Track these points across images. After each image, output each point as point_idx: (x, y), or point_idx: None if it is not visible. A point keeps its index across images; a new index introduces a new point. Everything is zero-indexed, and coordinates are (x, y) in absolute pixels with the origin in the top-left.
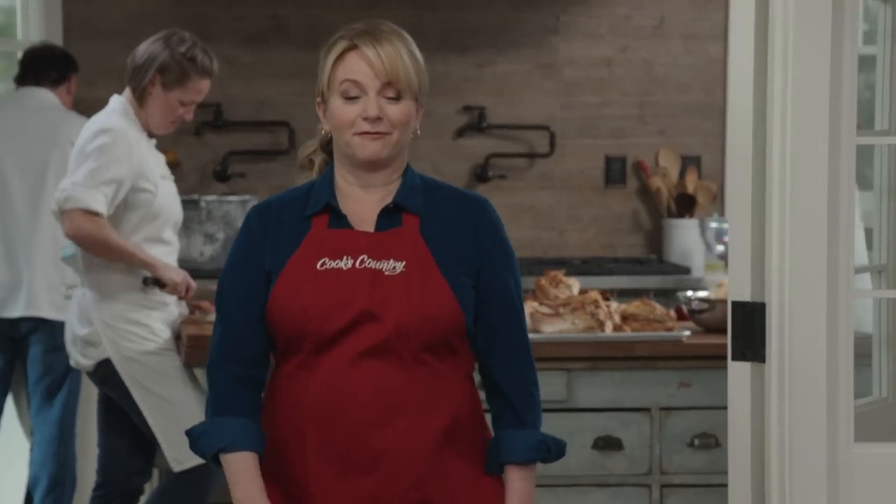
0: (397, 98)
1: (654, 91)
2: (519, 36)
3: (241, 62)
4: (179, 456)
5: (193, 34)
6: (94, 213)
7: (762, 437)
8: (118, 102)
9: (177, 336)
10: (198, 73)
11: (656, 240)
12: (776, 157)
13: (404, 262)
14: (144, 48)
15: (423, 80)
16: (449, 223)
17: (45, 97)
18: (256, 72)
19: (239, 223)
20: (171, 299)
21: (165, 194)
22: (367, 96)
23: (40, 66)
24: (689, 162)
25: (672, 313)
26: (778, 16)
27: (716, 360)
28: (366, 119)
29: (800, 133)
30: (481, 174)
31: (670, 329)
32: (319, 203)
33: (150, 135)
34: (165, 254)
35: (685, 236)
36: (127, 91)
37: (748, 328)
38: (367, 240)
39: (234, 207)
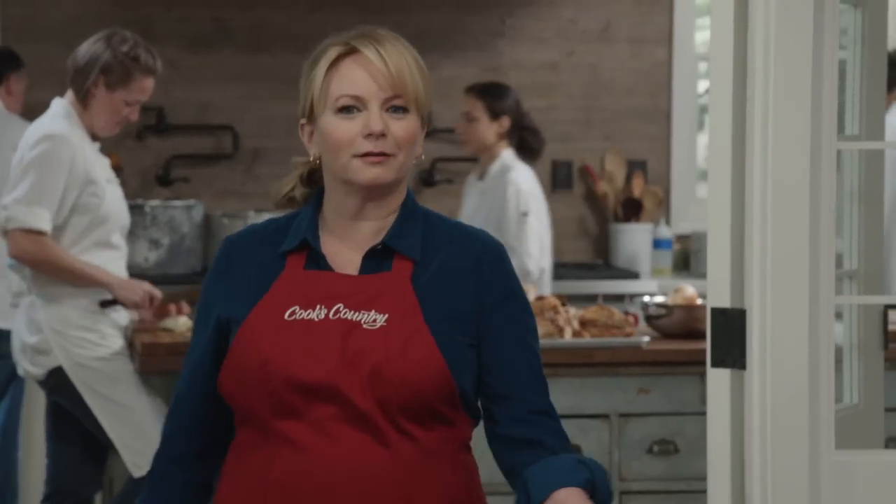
0: (403, 111)
1: (599, 95)
2: (465, 39)
3: (185, 65)
4: (139, 461)
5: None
6: (38, 232)
7: (741, 445)
8: (60, 106)
9: (129, 343)
10: (141, 73)
11: (603, 244)
12: (757, 162)
13: (387, 315)
14: (86, 49)
15: (429, 93)
16: (447, 270)
17: None
18: (200, 75)
19: (184, 228)
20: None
21: (112, 198)
22: (367, 110)
23: None
24: (636, 166)
25: (630, 318)
26: (758, 21)
27: (675, 366)
28: (368, 136)
29: (781, 137)
30: (427, 179)
31: (629, 335)
32: (296, 238)
33: (94, 137)
34: (114, 258)
35: (632, 241)
36: (69, 93)
37: (728, 335)
38: (346, 285)
39: (179, 213)
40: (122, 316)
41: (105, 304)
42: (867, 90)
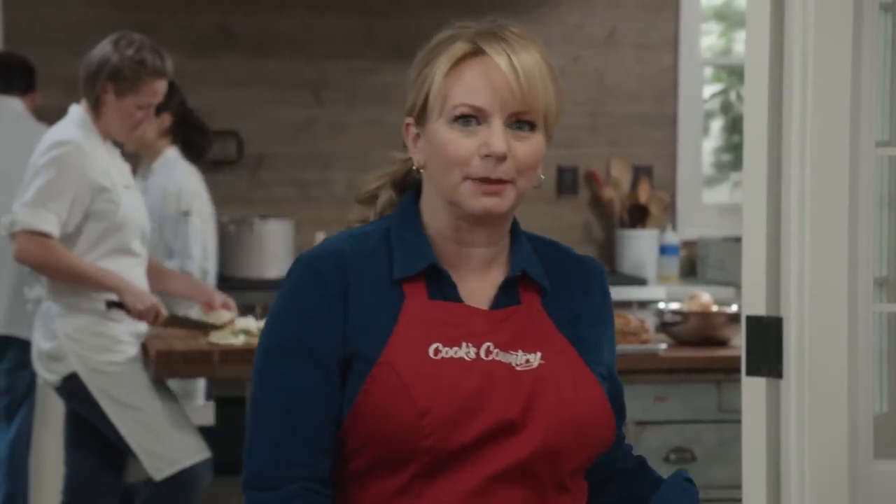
0: (530, 129)
1: (605, 100)
2: None
3: (188, 70)
4: (158, 464)
5: None
6: (43, 235)
7: (777, 455)
8: (76, 112)
9: (144, 350)
10: (150, 76)
11: (609, 250)
12: (794, 169)
13: (540, 354)
14: (94, 54)
15: (560, 105)
16: (571, 300)
17: (15, 107)
18: (204, 80)
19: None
20: None
21: (129, 204)
22: (488, 125)
23: (7, 75)
24: (641, 172)
25: (646, 325)
26: (796, 28)
27: (691, 373)
28: (487, 157)
29: (819, 144)
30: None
31: (645, 342)
32: (417, 263)
33: (117, 143)
34: (133, 265)
35: (638, 247)
36: (84, 100)
37: (763, 343)
38: (485, 320)
39: None
40: (128, 324)
41: (111, 305)
42: (895, 95)
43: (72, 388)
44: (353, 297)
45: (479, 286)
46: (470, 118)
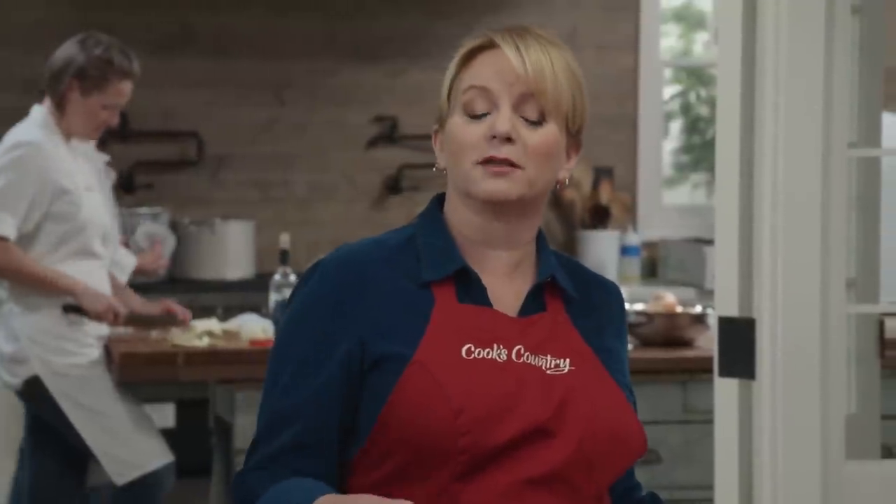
0: (539, 120)
1: None
2: (431, 45)
3: (149, 70)
4: (121, 468)
5: None
6: (0, 238)
7: (749, 456)
8: (38, 113)
9: (107, 353)
10: (117, 76)
11: (570, 252)
12: (767, 171)
13: (568, 360)
14: (60, 53)
15: (580, 105)
16: (595, 312)
17: None
18: (164, 80)
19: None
20: None
21: (91, 206)
22: (497, 112)
23: None
24: (602, 173)
25: None
26: (769, 31)
27: (657, 374)
28: (493, 139)
29: (792, 146)
30: (394, 185)
31: None
32: (446, 266)
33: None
34: (95, 267)
35: (599, 248)
36: (47, 100)
37: (736, 344)
38: (514, 324)
39: (145, 220)
40: (92, 326)
41: (68, 310)
42: (865, 97)
43: (33, 391)
44: (376, 303)
45: (505, 291)
46: (479, 111)
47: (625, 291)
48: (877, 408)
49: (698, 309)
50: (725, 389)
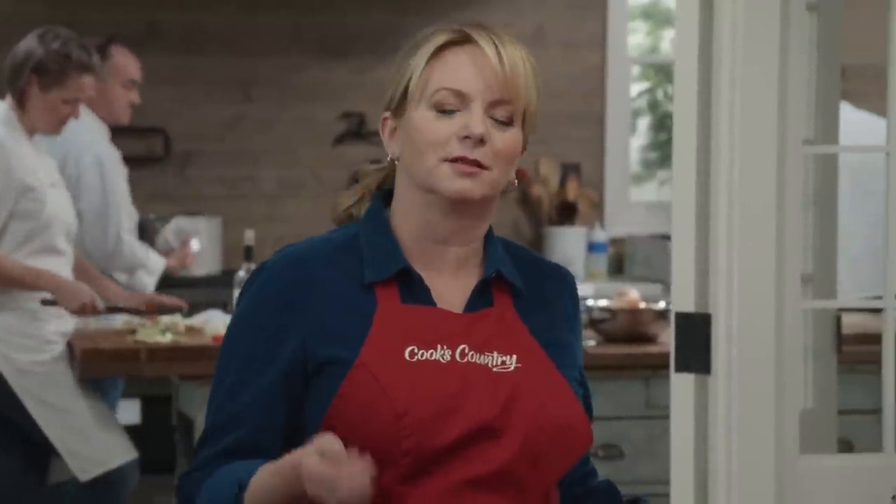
0: (508, 122)
1: None
2: (399, 41)
3: None
4: (84, 465)
5: None
6: None
7: (705, 451)
8: (1, 108)
9: (70, 349)
10: (76, 70)
11: (537, 248)
12: (723, 167)
13: (515, 357)
14: (19, 48)
15: (537, 110)
16: (544, 304)
17: None
18: None
19: None
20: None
21: (54, 203)
22: (468, 111)
23: None
24: (570, 170)
25: None
26: (725, 28)
27: (620, 370)
28: (465, 140)
29: (748, 142)
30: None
31: None
32: (388, 267)
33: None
34: (60, 263)
35: (567, 244)
36: (9, 95)
37: (692, 339)
38: (458, 323)
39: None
40: (56, 323)
41: (46, 303)
42: (822, 94)
43: None
44: (319, 305)
45: (451, 288)
46: (449, 107)
47: (591, 288)
48: (834, 403)
49: (662, 305)
50: (682, 384)
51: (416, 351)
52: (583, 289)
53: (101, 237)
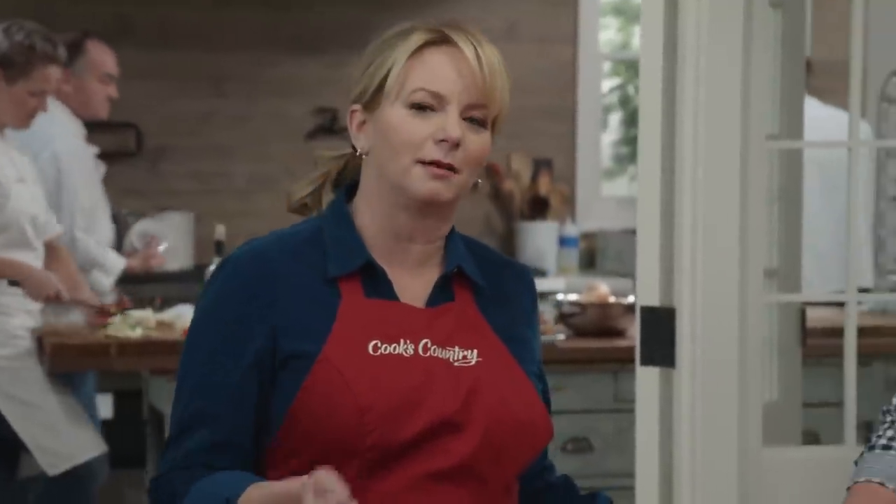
0: (482, 125)
1: None
2: (371, 37)
3: None
4: (53, 459)
5: None
6: None
7: (670, 443)
8: None
9: (39, 344)
10: (41, 62)
11: (509, 242)
12: (687, 162)
13: (476, 351)
14: None
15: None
16: (504, 300)
17: None
18: None
19: None
20: (36, 306)
21: (20, 198)
22: (444, 113)
23: None
24: (542, 165)
25: (544, 316)
26: (689, 25)
27: (589, 363)
28: (441, 143)
29: (711, 138)
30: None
31: (544, 333)
32: (352, 261)
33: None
34: (31, 258)
35: (538, 239)
36: None
37: (657, 333)
38: (421, 317)
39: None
40: (22, 318)
41: (12, 284)
42: (786, 89)
43: None
44: (284, 299)
45: (413, 283)
46: (426, 106)
47: (563, 282)
48: (798, 395)
49: (631, 299)
50: (647, 378)
51: (379, 345)
52: (554, 283)
53: None
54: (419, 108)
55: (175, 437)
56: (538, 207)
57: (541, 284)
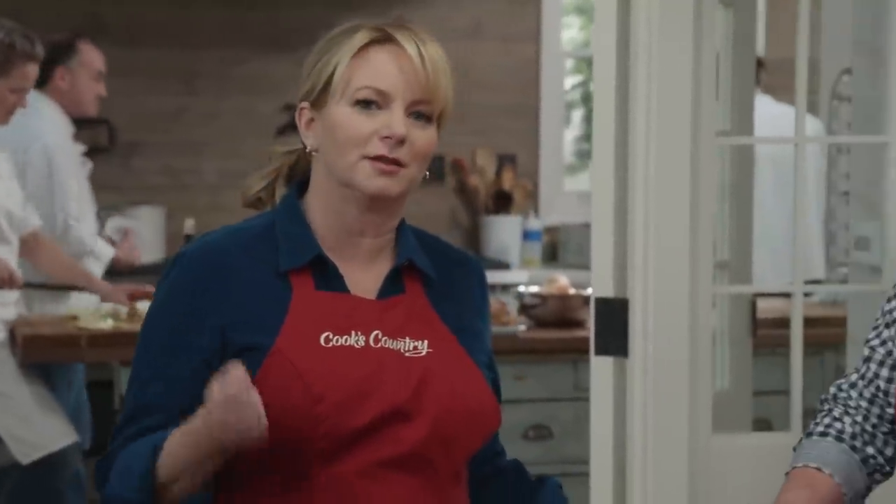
0: (428, 121)
1: (470, 91)
2: None
3: None
4: (25, 449)
5: None
6: None
7: (623, 431)
8: None
9: (11, 335)
10: (21, 59)
11: (474, 236)
12: (639, 157)
13: (426, 342)
14: None
15: (452, 105)
16: (454, 292)
17: None
18: None
19: None
20: (10, 299)
21: None
22: (389, 110)
23: None
24: (506, 160)
25: (507, 307)
26: (641, 23)
27: (549, 353)
28: (386, 139)
29: (663, 134)
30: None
31: (506, 323)
32: (303, 254)
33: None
34: (6, 252)
35: (502, 232)
36: None
37: (611, 324)
38: (372, 309)
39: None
40: (9, 310)
41: None
42: (737, 87)
43: None
44: (236, 292)
45: (364, 276)
46: (371, 102)
47: (526, 274)
48: (749, 384)
49: (590, 291)
50: (601, 367)
51: (331, 337)
52: (517, 275)
53: (47, 222)
54: (364, 105)
55: (122, 426)
56: (502, 202)
57: (504, 277)
